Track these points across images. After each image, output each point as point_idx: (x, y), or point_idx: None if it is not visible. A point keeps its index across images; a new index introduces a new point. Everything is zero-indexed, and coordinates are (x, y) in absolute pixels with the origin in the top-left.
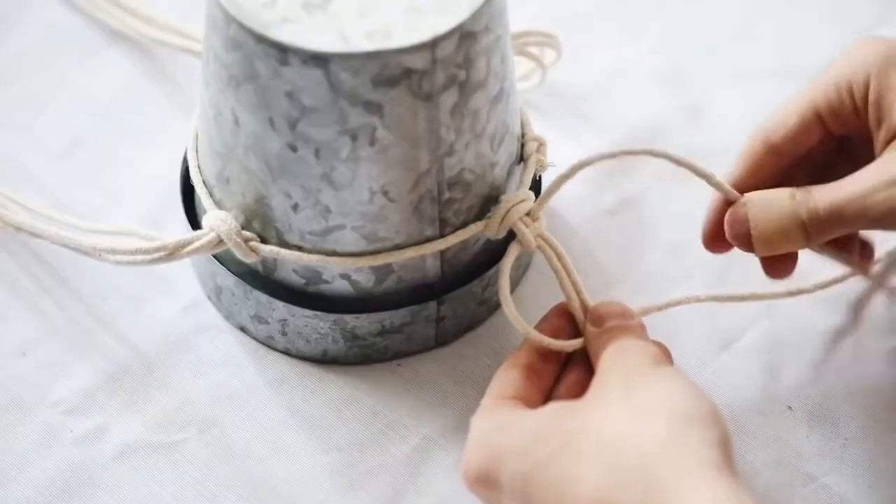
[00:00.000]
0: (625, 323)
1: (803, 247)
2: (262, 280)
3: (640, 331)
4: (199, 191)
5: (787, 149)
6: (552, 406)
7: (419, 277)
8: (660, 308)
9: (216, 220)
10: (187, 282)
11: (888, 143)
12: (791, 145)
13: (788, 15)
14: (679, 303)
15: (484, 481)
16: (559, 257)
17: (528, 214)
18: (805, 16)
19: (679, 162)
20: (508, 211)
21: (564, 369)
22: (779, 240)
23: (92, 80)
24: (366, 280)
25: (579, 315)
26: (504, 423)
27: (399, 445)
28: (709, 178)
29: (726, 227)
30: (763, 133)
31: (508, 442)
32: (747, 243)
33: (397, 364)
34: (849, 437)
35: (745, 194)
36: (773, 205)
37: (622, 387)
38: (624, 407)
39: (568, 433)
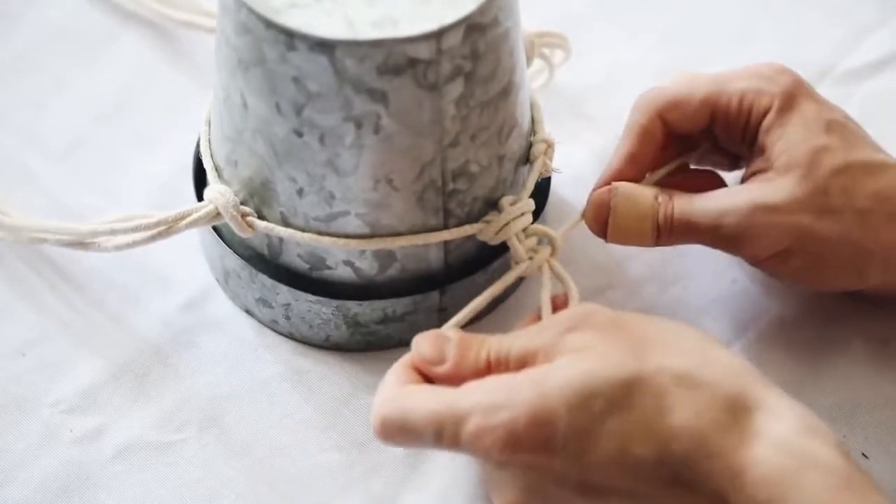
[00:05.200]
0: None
1: (650, 245)
2: (268, 264)
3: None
4: (210, 173)
5: (678, 127)
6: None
7: (422, 267)
8: None
9: (215, 193)
10: (187, 281)
11: (757, 173)
12: (682, 125)
13: (788, 15)
14: None
15: (536, 441)
16: (551, 268)
17: (524, 230)
18: (805, 16)
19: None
20: (507, 224)
21: None
22: (631, 234)
23: (93, 80)
24: (369, 267)
25: None
26: (546, 375)
27: None
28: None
29: (589, 206)
30: (657, 108)
31: (562, 394)
32: (601, 228)
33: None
34: (846, 435)
35: (615, 183)
36: (637, 200)
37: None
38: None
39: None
